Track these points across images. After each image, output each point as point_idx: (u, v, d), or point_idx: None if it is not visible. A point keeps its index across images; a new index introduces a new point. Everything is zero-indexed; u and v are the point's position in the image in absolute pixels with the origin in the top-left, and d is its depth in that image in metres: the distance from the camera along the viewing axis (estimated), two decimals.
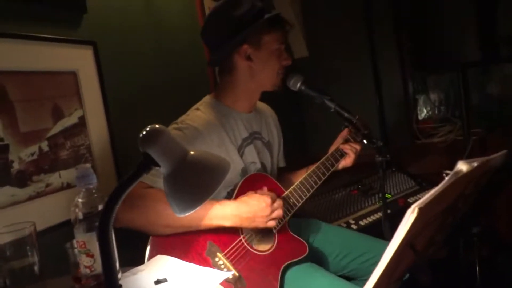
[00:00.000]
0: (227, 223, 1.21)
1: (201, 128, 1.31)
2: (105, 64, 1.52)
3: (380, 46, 2.74)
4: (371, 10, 2.72)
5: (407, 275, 1.25)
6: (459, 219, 1.19)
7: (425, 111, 2.88)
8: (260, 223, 1.24)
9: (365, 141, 1.42)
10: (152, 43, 1.80)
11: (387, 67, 2.76)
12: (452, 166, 1.02)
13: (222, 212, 1.21)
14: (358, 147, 1.52)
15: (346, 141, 1.54)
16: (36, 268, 0.95)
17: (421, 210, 0.73)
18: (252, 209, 1.22)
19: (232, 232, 1.26)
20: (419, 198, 2.29)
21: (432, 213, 0.87)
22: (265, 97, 1.55)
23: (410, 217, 0.75)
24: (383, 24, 2.70)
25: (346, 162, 1.53)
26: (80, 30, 1.47)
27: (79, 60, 1.44)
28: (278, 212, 1.26)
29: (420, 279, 1.48)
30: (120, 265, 0.97)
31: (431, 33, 2.16)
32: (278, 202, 1.27)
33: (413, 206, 0.74)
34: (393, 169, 2.33)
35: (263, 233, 1.31)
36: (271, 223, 1.26)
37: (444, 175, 0.98)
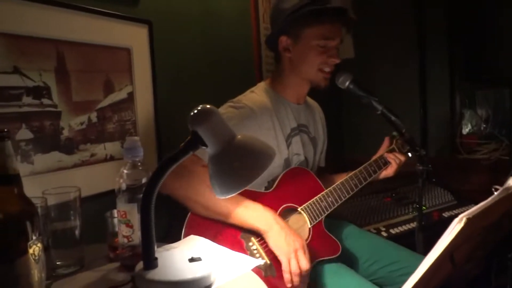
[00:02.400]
0: (261, 226, 1.18)
1: (256, 109, 1.32)
2: (158, 44, 1.56)
3: (430, 54, 2.66)
4: (424, 15, 2.64)
5: None
6: (500, 238, 1.14)
7: (470, 126, 2.78)
8: (284, 250, 1.15)
9: (410, 154, 1.39)
10: (203, 29, 1.82)
11: (436, 77, 2.68)
12: (494, 184, 0.98)
13: (260, 214, 1.19)
14: (402, 158, 1.48)
15: (391, 150, 1.51)
16: (77, 232, 0.98)
17: (469, 221, 0.71)
18: (288, 232, 1.17)
19: None
20: (455, 213, 2.21)
21: (478, 226, 0.84)
22: (310, 95, 1.54)
23: (456, 226, 0.72)
24: (436, 32, 2.62)
25: (387, 172, 1.50)
26: (138, 9, 1.51)
27: (135, 38, 1.48)
28: (303, 261, 1.15)
29: None
30: None
31: (486, 46, 2.08)
32: (307, 257, 1.16)
33: (461, 216, 0.72)
34: (433, 180, 2.27)
35: (299, 226, 1.30)
36: (290, 263, 1.15)
37: (493, 189, 0.95)
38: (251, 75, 2.09)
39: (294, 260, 1.14)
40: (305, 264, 1.14)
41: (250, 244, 1.21)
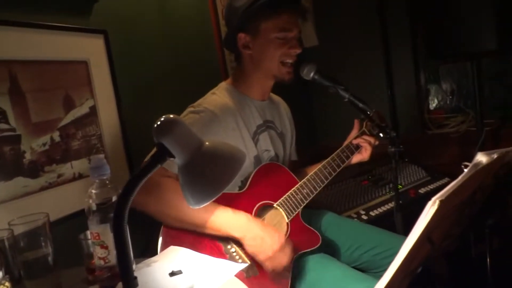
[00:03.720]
0: (236, 233, 1.17)
1: (217, 111, 1.30)
2: (116, 53, 1.52)
3: (392, 34, 2.70)
4: None
5: (420, 268, 1.23)
6: (475, 212, 1.17)
7: (436, 101, 2.84)
8: (263, 253, 1.16)
9: (381, 134, 1.40)
10: (162, 32, 1.78)
11: (399, 56, 2.72)
12: (464, 157, 1.00)
13: (233, 220, 1.18)
14: (372, 140, 1.50)
15: (361, 133, 1.52)
16: (50, 259, 0.95)
17: (442, 203, 0.72)
18: (264, 233, 1.17)
19: None
20: (430, 189, 2.25)
21: (451, 206, 0.86)
22: (275, 88, 1.53)
23: (430, 209, 0.73)
24: (396, 11, 2.66)
25: (363, 156, 1.51)
26: (92, 19, 1.46)
27: (91, 49, 1.44)
28: (283, 259, 1.17)
29: (435, 271, 1.47)
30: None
31: (446, 21, 2.11)
32: (290, 249, 1.20)
33: (433, 199, 0.72)
34: (406, 160, 2.31)
35: (276, 222, 1.30)
36: (270, 263, 1.17)
37: (463, 166, 0.96)
38: (217, 75, 2.06)
39: (275, 261, 1.15)
40: (285, 262, 1.16)
41: (229, 247, 1.20)
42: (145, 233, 1.41)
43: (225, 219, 1.17)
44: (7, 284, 0.62)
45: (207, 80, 1.55)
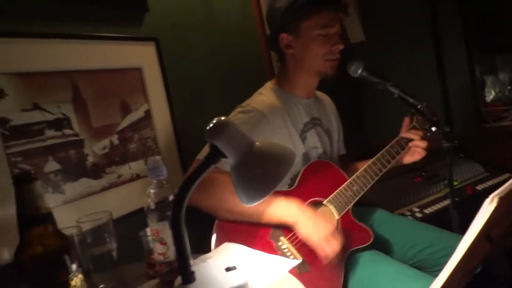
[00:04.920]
0: (289, 219, 1.19)
1: (265, 111, 1.32)
2: (167, 59, 1.58)
3: (443, 26, 2.59)
4: None
5: (479, 268, 1.19)
6: None
7: (493, 92, 2.69)
8: (315, 236, 1.17)
9: (433, 129, 1.36)
10: (209, 37, 1.83)
11: (451, 47, 2.60)
12: None
13: (286, 207, 1.20)
14: (422, 142, 1.44)
15: (412, 129, 1.48)
16: (114, 254, 1.01)
17: (501, 200, 0.69)
18: (316, 217, 1.19)
19: None
20: (488, 186, 2.15)
21: None
22: (322, 85, 1.53)
23: (488, 207, 0.71)
24: (446, 2, 2.55)
25: (415, 157, 1.46)
26: (143, 28, 1.53)
27: (143, 57, 1.51)
28: (335, 245, 1.17)
29: (495, 271, 1.40)
30: None
31: (500, 9, 2.00)
32: (341, 237, 1.20)
33: (492, 196, 0.70)
34: (461, 155, 2.22)
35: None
36: (325, 248, 1.17)
37: None
38: (263, 76, 2.08)
39: (328, 245, 1.16)
40: (337, 248, 1.17)
41: (280, 243, 1.22)
42: (199, 231, 1.47)
43: (278, 207, 1.20)
44: (80, 276, 0.68)
45: (254, 81, 1.58)
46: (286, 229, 1.24)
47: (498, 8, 1.98)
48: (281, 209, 1.20)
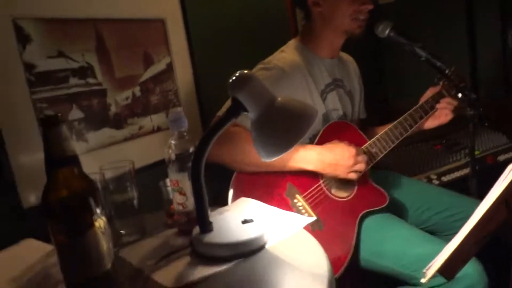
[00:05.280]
0: (310, 166, 1.23)
1: (287, 68, 1.31)
2: (190, 12, 1.56)
3: None
4: None
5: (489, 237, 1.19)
6: None
7: None
8: (342, 173, 1.24)
9: (459, 95, 1.32)
10: None
11: (484, 13, 2.48)
12: None
13: (306, 156, 1.23)
14: (455, 102, 1.42)
15: (438, 94, 1.45)
16: (135, 202, 1.04)
17: None
18: (336, 157, 1.22)
19: (312, 176, 1.28)
20: (511, 156, 2.09)
21: None
22: (348, 47, 1.49)
23: (510, 173, 0.70)
24: None
25: (440, 120, 1.45)
26: None
27: (167, 8, 1.49)
28: (361, 166, 1.25)
29: (507, 240, 1.40)
30: None
31: None
32: (363, 156, 1.26)
33: None
34: (486, 124, 2.16)
35: (343, 180, 1.32)
36: (352, 175, 1.25)
37: None
38: (287, 33, 2.04)
39: (355, 169, 1.24)
40: (364, 167, 1.26)
41: (295, 201, 1.24)
42: (216, 185, 1.50)
43: (298, 156, 1.22)
44: (103, 218, 0.70)
45: (277, 39, 1.55)
46: (301, 187, 1.25)
47: None
48: (302, 157, 1.23)
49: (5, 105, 1.08)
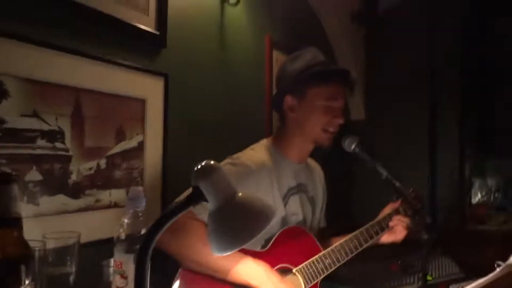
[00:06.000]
0: (254, 282, 1.17)
1: (254, 167, 1.33)
2: (173, 96, 1.62)
3: (443, 121, 2.69)
4: (440, 81, 2.69)
5: None
6: None
7: (479, 195, 2.74)
8: None
9: (417, 217, 1.37)
10: (220, 85, 1.90)
11: (447, 143, 2.69)
12: (505, 258, 0.95)
13: (253, 270, 1.18)
14: (407, 220, 1.46)
15: (395, 213, 1.49)
16: (71, 278, 0.97)
17: None
18: (281, 285, 1.17)
19: None
20: (462, 287, 2.09)
21: None
22: (318, 155, 1.56)
23: None
24: (448, 99, 2.67)
25: (396, 237, 1.47)
26: (156, 61, 1.58)
27: (150, 89, 1.55)
28: None
29: None
30: None
31: (498, 116, 2.09)
32: None
33: None
34: (438, 250, 2.21)
35: None
36: None
37: (496, 266, 0.92)
38: (261, 133, 2.13)
39: None
40: None
41: None
42: (161, 275, 1.43)
43: (245, 267, 1.17)
44: None
45: (251, 135, 1.60)
46: None
47: (497, 114, 2.06)
48: (248, 270, 1.17)
49: None
